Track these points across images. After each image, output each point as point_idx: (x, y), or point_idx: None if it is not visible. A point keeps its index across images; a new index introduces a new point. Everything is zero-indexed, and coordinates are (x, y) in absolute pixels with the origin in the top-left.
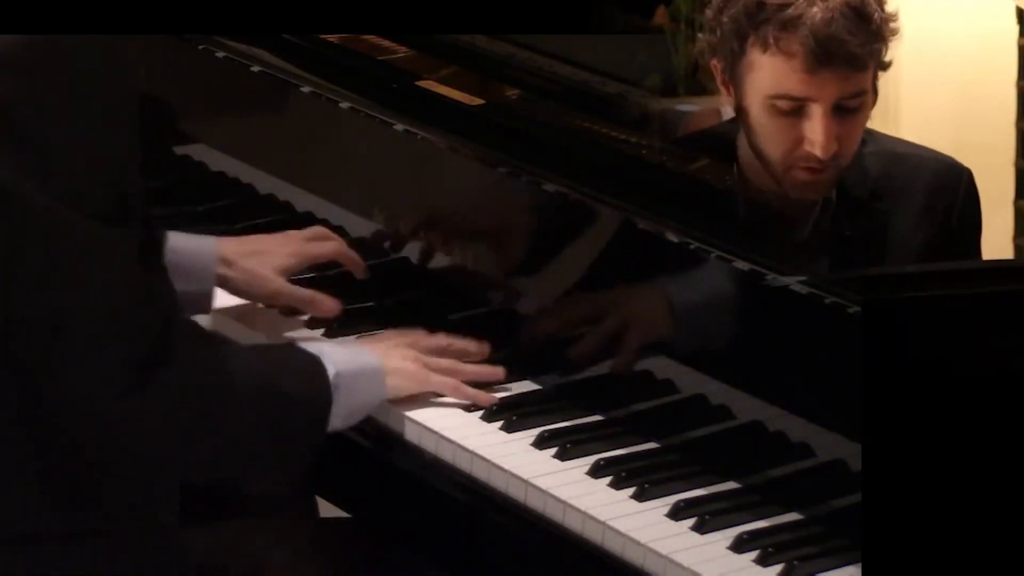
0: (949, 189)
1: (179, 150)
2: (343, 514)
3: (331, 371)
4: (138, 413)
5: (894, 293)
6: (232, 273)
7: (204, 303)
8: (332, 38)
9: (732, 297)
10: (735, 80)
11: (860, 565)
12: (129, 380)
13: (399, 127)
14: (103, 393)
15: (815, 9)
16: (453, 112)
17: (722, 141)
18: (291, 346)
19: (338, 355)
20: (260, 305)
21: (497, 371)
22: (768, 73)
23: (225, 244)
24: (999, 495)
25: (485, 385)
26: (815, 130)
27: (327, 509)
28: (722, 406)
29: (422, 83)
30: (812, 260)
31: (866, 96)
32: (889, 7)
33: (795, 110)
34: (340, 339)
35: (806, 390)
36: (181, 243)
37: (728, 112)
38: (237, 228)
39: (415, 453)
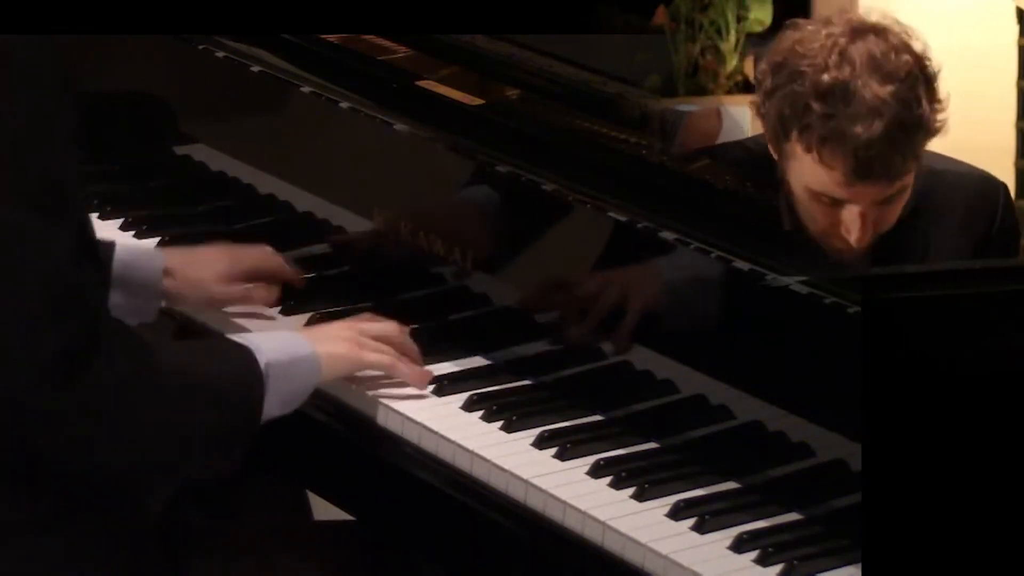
0: (988, 205)
1: (179, 150)
2: (341, 514)
3: (262, 361)
4: (67, 407)
5: (894, 293)
6: (173, 283)
7: (148, 313)
8: (332, 38)
9: (732, 297)
10: (778, 152)
11: (860, 565)
12: (57, 373)
13: (399, 127)
14: (32, 386)
15: (858, 128)
16: (453, 112)
17: (757, 156)
18: (222, 338)
19: (269, 344)
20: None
21: (426, 375)
22: (808, 170)
23: (169, 256)
24: (999, 495)
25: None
26: (852, 223)
27: (325, 509)
28: (722, 406)
29: (422, 83)
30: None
31: (908, 188)
32: (941, 92)
33: (833, 203)
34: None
35: (806, 390)
36: (127, 258)
37: (728, 113)
38: (237, 228)
39: (415, 453)
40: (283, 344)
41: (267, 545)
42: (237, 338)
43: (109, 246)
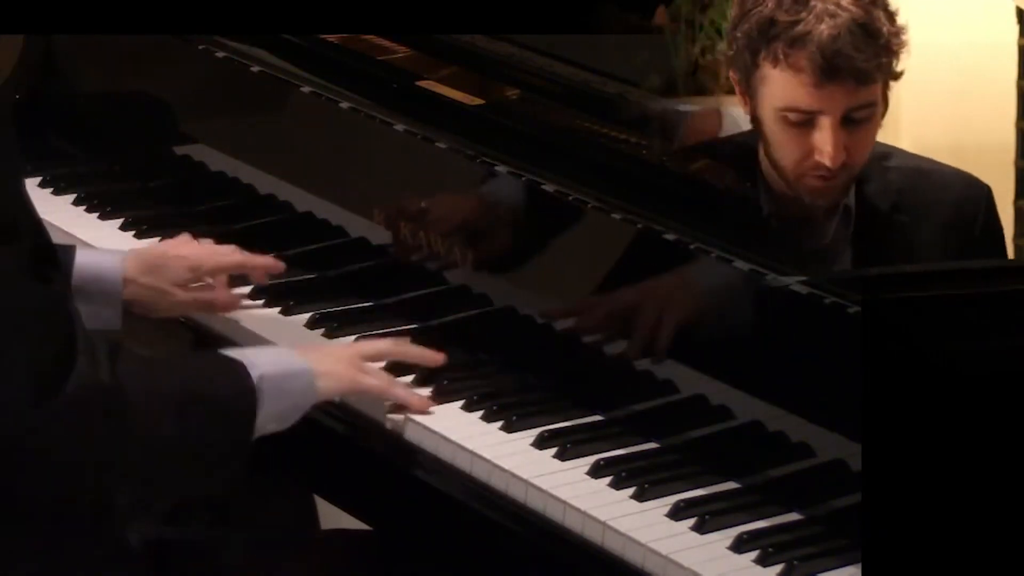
0: (972, 204)
1: (179, 150)
2: (345, 521)
3: (255, 375)
4: (44, 426)
5: (894, 293)
6: (133, 292)
7: (113, 320)
8: (332, 38)
9: (732, 297)
10: (750, 92)
11: (860, 565)
12: (31, 394)
13: (399, 127)
14: (5, 407)
15: (823, 26)
16: (453, 112)
17: (742, 149)
18: (215, 353)
19: (263, 359)
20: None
21: (425, 403)
22: (779, 87)
23: (128, 267)
24: (999, 495)
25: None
26: (824, 141)
27: (327, 511)
28: (722, 406)
29: (422, 83)
30: (824, 263)
31: (875, 107)
32: (899, 20)
33: (805, 122)
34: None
35: (806, 390)
36: (90, 269)
37: (729, 113)
38: (237, 228)
39: (415, 454)
40: (277, 359)
41: (271, 556)
42: (231, 352)
43: (68, 252)
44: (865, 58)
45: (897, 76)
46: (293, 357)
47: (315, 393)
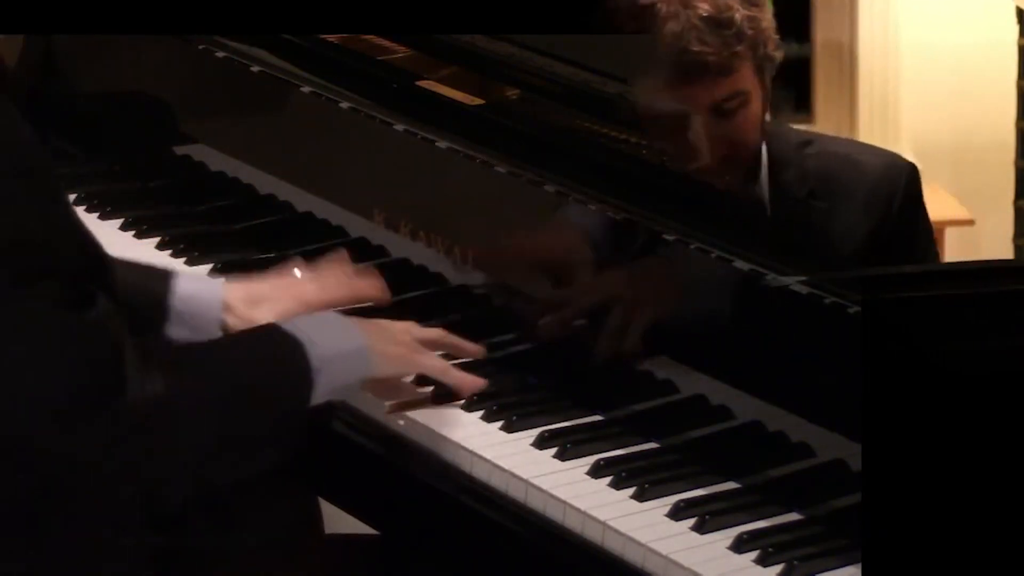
0: (888, 184)
1: (179, 150)
2: (342, 513)
3: (314, 355)
4: (91, 443)
5: (894, 293)
6: (234, 321)
7: None
8: (332, 38)
9: (732, 297)
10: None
11: (860, 565)
12: (74, 416)
13: (399, 127)
14: (49, 434)
15: (666, 27)
16: (453, 112)
17: None
18: (273, 331)
19: (323, 335)
20: None
21: (477, 382)
22: (646, 95)
23: (229, 292)
24: (999, 495)
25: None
26: (698, 138)
27: (330, 514)
28: (722, 406)
29: (422, 83)
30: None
31: (747, 94)
32: (761, 3)
33: (680, 123)
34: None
35: (806, 390)
36: (187, 291)
37: None
38: (237, 228)
39: (415, 454)
40: (337, 336)
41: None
42: (290, 327)
43: (168, 276)
44: (714, 50)
45: (770, 58)
46: (352, 333)
47: (370, 373)
